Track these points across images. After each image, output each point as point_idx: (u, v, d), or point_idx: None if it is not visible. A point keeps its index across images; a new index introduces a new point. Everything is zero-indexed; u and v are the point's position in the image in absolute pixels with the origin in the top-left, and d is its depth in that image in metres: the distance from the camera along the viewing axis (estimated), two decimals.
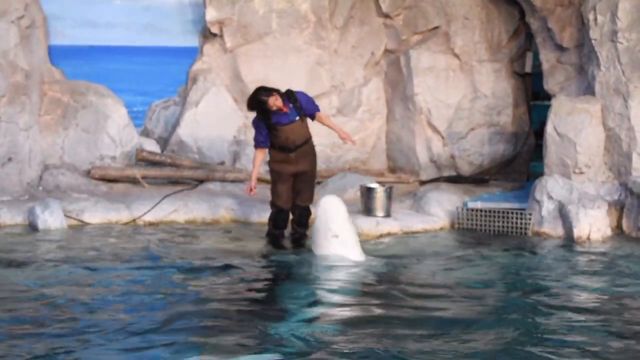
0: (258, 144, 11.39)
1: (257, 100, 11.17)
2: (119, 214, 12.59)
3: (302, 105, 11.33)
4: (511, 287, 9.50)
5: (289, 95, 11.29)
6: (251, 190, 11.48)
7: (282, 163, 11.35)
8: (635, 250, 11.50)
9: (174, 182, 14.25)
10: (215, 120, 14.95)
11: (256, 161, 11.48)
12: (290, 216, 11.63)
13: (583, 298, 9.03)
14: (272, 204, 11.58)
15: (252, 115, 14.71)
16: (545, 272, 10.28)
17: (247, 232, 12.19)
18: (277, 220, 11.57)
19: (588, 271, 10.41)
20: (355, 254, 10.51)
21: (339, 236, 10.46)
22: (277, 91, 11.22)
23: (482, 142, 15.39)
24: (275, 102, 11.09)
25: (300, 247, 11.34)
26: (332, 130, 11.82)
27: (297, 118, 11.28)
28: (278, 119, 11.19)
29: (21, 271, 9.63)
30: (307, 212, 11.62)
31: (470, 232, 12.62)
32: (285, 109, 11.20)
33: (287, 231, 11.68)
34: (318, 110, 11.55)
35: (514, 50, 15.51)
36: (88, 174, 14.01)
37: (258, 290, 9.38)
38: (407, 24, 15.59)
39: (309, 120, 11.48)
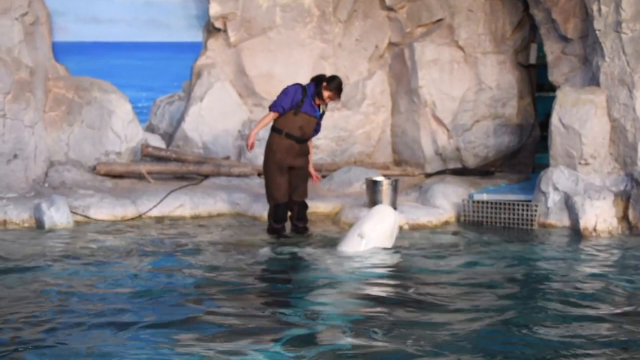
0: (277, 108, 11.43)
1: (334, 83, 11.43)
2: (125, 210, 12.60)
3: (322, 117, 11.67)
4: (517, 279, 9.48)
5: (326, 103, 11.61)
6: (251, 147, 11.56)
7: (285, 153, 11.39)
8: None
9: (179, 177, 14.27)
10: (220, 115, 14.96)
11: (265, 120, 11.58)
12: (288, 213, 11.71)
13: (589, 289, 9.01)
14: (270, 198, 11.60)
15: (257, 109, 14.77)
16: (552, 263, 10.27)
17: (253, 225, 12.21)
18: (277, 214, 11.60)
19: (594, 262, 10.40)
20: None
21: (364, 237, 10.54)
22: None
23: (487, 134, 15.39)
24: (332, 96, 11.42)
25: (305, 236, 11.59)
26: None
27: (316, 118, 11.53)
28: (307, 104, 11.40)
29: (27, 267, 9.63)
30: (305, 206, 11.74)
31: (476, 224, 12.63)
32: (316, 105, 11.47)
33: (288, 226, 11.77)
34: (315, 135, 11.91)
35: (518, 41, 15.50)
36: (93, 170, 14.03)
37: (265, 280, 9.40)
38: (411, 16, 15.59)
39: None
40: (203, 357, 6.74)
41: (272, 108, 11.47)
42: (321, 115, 11.61)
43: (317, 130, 11.74)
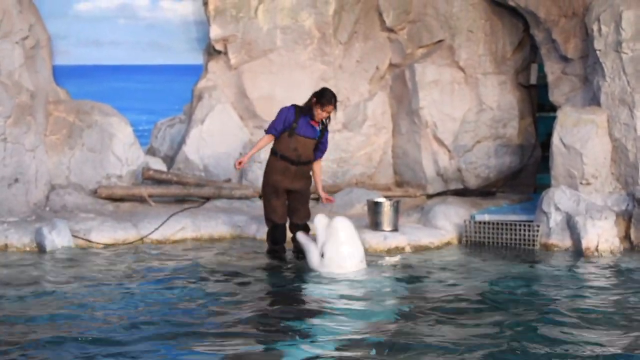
0: (271, 131, 11.37)
1: (324, 98, 11.15)
2: (126, 233, 12.57)
3: (324, 136, 11.43)
4: (519, 300, 9.46)
5: (323, 120, 11.35)
6: (240, 163, 11.52)
7: (280, 175, 11.30)
8: None
9: (180, 200, 14.25)
10: (221, 138, 14.96)
11: (260, 143, 11.56)
12: (289, 234, 11.63)
13: (592, 309, 8.99)
14: (268, 220, 11.57)
15: (258, 132, 14.75)
16: (554, 283, 10.25)
17: (254, 249, 12.18)
18: (275, 235, 11.58)
19: (597, 282, 10.38)
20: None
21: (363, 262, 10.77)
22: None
23: (489, 155, 15.38)
24: (324, 113, 11.16)
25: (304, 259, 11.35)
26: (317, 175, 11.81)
27: (315, 139, 11.33)
28: (302, 126, 11.25)
29: (29, 291, 9.61)
30: (306, 229, 11.58)
31: (478, 245, 12.61)
32: (316, 124, 11.28)
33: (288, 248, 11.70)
34: (322, 156, 11.66)
35: (518, 62, 15.51)
36: (95, 193, 14.00)
37: (265, 302, 9.37)
38: (412, 37, 15.61)
39: None
40: None
41: (266, 131, 11.47)
42: (322, 134, 11.40)
43: (321, 150, 11.55)
